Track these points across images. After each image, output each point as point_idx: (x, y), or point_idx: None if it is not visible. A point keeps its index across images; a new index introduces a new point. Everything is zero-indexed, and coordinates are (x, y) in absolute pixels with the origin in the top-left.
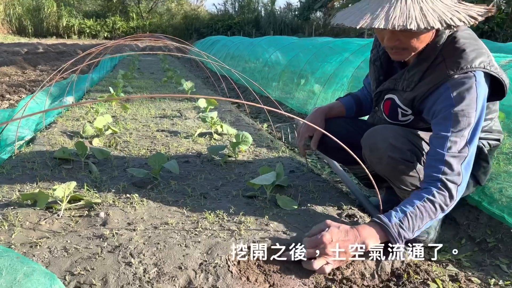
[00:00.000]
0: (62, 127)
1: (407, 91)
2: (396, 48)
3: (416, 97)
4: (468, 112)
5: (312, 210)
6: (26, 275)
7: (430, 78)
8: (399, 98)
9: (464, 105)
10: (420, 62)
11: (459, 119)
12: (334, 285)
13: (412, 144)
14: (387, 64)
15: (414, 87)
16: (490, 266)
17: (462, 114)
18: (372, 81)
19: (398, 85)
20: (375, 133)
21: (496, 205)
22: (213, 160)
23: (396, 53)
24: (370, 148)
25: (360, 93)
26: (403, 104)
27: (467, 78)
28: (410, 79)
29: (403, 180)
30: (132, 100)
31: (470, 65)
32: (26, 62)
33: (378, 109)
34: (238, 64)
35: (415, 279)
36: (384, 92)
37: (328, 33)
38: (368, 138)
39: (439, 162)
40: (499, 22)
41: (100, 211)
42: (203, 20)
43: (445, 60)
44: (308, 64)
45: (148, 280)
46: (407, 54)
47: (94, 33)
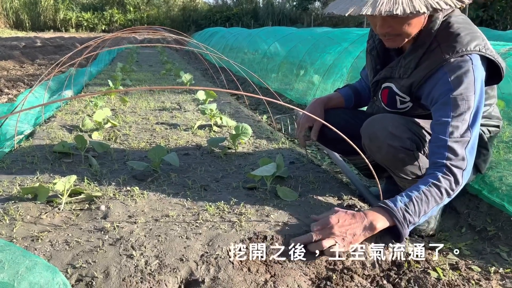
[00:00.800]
0: (61, 121)
1: (404, 78)
2: (389, 35)
3: (414, 83)
4: (467, 96)
5: (313, 200)
6: (28, 269)
7: (426, 63)
8: (396, 86)
9: (462, 88)
10: (416, 49)
11: (459, 103)
12: (335, 274)
13: (412, 132)
14: (383, 53)
15: (410, 74)
16: (490, 254)
17: (461, 98)
18: (370, 72)
19: (395, 73)
20: (374, 122)
21: (496, 194)
22: (213, 152)
23: (389, 40)
24: (369, 137)
25: (358, 84)
26: (401, 92)
27: (464, 61)
28: (406, 66)
29: (403, 168)
30: (131, 93)
31: (466, 48)
32: (24, 56)
33: (377, 99)
34: (236, 55)
35: (415, 268)
36: (381, 81)
37: (327, 23)
38: (367, 127)
39: (442, 148)
40: (499, 10)
41: (101, 204)
42: (201, 12)
43: (440, 45)
44: (307, 54)
45: (150, 272)
46: (400, 40)
47: (92, 26)
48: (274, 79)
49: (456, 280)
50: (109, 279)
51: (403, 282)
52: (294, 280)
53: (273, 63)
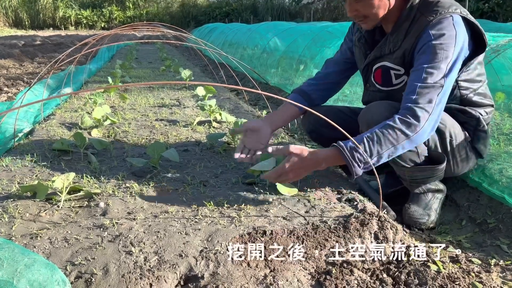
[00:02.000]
0: (60, 119)
1: (396, 51)
2: (358, 18)
3: (406, 51)
4: (446, 45)
5: (312, 195)
6: (27, 266)
7: (413, 31)
8: (389, 61)
9: (442, 39)
10: (401, 24)
11: (437, 51)
12: (334, 268)
13: None
14: (371, 39)
15: (401, 45)
16: (491, 246)
17: (440, 47)
18: (359, 61)
19: (385, 50)
20: (371, 109)
21: (496, 186)
22: (213, 148)
23: (361, 22)
24: (367, 124)
25: (304, 86)
26: (395, 64)
27: (445, 18)
28: (395, 40)
29: (401, 155)
30: (131, 90)
31: (447, 10)
32: (23, 55)
33: (370, 85)
34: (236, 51)
35: (415, 261)
36: (371, 63)
37: (327, 17)
38: (364, 114)
39: (411, 93)
40: (499, 2)
41: (100, 201)
42: (201, 8)
43: (423, 14)
44: (306, 49)
45: (149, 268)
46: (371, 21)
47: (91, 24)
48: (273, 74)
49: (456, 273)
50: (108, 276)
51: (403, 275)
52: (293, 274)
53: (273, 58)
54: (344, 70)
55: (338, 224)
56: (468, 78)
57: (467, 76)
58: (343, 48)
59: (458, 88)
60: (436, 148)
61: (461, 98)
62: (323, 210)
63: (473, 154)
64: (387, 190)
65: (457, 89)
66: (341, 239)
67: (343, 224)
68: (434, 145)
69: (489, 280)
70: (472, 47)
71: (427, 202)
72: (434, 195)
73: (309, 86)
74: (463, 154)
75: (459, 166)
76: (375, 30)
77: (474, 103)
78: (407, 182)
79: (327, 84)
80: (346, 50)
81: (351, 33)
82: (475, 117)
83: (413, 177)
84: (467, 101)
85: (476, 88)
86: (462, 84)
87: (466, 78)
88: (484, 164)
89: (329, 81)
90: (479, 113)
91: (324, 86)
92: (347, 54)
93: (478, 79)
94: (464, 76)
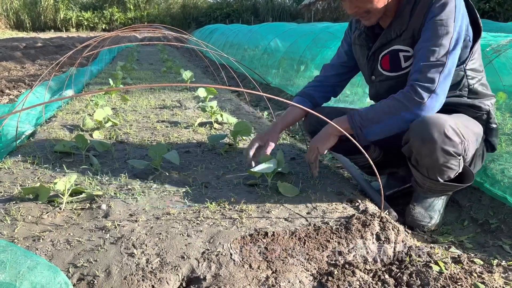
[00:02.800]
0: (62, 121)
1: (403, 32)
2: (360, 14)
3: (414, 30)
4: (446, 22)
5: (314, 196)
6: (29, 269)
7: (418, 10)
8: (397, 43)
9: (443, 14)
10: (403, 9)
11: (437, 28)
12: (336, 269)
13: (462, 136)
14: (372, 33)
15: (407, 25)
16: (493, 247)
17: (440, 23)
18: (362, 56)
19: (391, 35)
20: (429, 123)
21: (498, 186)
22: (214, 150)
23: (363, 18)
24: (422, 139)
25: (308, 89)
26: (404, 45)
27: None
28: (401, 23)
29: (444, 173)
30: (132, 92)
31: None
32: (25, 57)
33: (376, 75)
34: (237, 52)
35: (417, 262)
36: (377, 52)
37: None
38: (421, 128)
39: (416, 73)
40: (500, 2)
41: (102, 203)
42: (201, 9)
43: None
44: (307, 50)
45: (151, 270)
46: (373, 16)
47: (92, 26)
48: (274, 75)
49: (458, 274)
50: (111, 278)
51: (405, 276)
52: (295, 275)
53: (274, 59)
54: (341, 73)
55: (340, 225)
56: (473, 67)
57: (473, 65)
58: (340, 51)
59: (466, 77)
60: (468, 160)
61: (469, 87)
62: (325, 211)
63: (485, 149)
64: (389, 191)
65: (465, 78)
66: (343, 240)
67: (345, 225)
68: (469, 158)
69: (491, 280)
70: (473, 30)
71: (431, 202)
72: (439, 196)
73: (311, 88)
74: (480, 152)
75: (477, 166)
76: (374, 27)
77: (480, 93)
78: (422, 190)
79: (327, 87)
80: (342, 53)
81: (348, 36)
82: (486, 110)
83: (432, 188)
84: (473, 91)
85: (480, 78)
86: (469, 73)
87: (472, 67)
88: (486, 164)
89: (328, 84)
90: (487, 106)
91: (324, 89)
92: (343, 57)
93: (480, 69)
94: (471, 65)
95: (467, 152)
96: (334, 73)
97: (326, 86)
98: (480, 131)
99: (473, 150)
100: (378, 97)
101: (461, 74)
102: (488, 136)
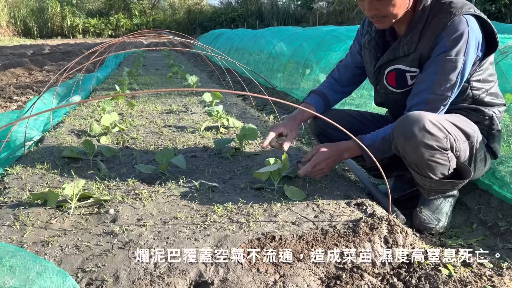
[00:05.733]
0: (69, 127)
1: (411, 53)
2: (377, 17)
3: (422, 54)
4: (456, 59)
5: (321, 199)
6: (38, 274)
7: (428, 34)
8: (404, 64)
9: (454, 51)
10: (414, 25)
11: (446, 64)
12: (344, 273)
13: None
14: (382, 41)
15: (416, 47)
16: (503, 249)
17: (449, 60)
18: (369, 63)
19: (399, 53)
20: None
21: (507, 189)
22: (220, 154)
23: (378, 22)
24: (405, 136)
25: (323, 88)
26: (411, 67)
27: (461, 23)
28: (409, 42)
29: (434, 169)
30: (138, 97)
31: (460, 11)
32: (32, 64)
33: (381, 87)
34: (242, 56)
35: (426, 265)
36: (384, 66)
37: (332, 21)
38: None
39: (421, 104)
40: (506, 3)
41: (110, 208)
42: (207, 14)
43: (436, 15)
44: (312, 53)
45: (159, 274)
46: (388, 21)
47: (99, 32)
48: (280, 79)
49: (467, 277)
50: (119, 282)
51: (414, 280)
52: (303, 280)
53: (279, 63)
54: (357, 75)
55: (348, 229)
56: (480, 78)
57: (479, 76)
58: (353, 51)
59: (470, 89)
60: (464, 159)
61: (474, 98)
62: (332, 214)
63: (488, 154)
64: (396, 194)
65: (469, 90)
66: (351, 243)
67: (353, 229)
68: (464, 156)
69: (501, 283)
70: (485, 47)
71: (438, 205)
72: (446, 199)
73: (327, 88)
74: (482, 156)
75: (478, 170)
76: (385, 31)
77: (486, 103)
78: (425, 191)
79: (342, 88)
80: (355, 54)
81: (360, 35)
82: (489, 115)
83: (433, 188)
84: (479, 102)
85: (488, 88)
86: (475, 85)
87: (478, 78)
88: (495, 166)
89: (343, 84)
90: (492, 112)
91: (339, 89)
92: (357, 58)
93: (490, 79)
94: (477, 76)
95: (456, 148)
96: (349, 74)
97: (341, 87)
98: (473, 133)
99: (466, 148)
100: (384, 106)
101: (465, 85)
102: (489, 142)
